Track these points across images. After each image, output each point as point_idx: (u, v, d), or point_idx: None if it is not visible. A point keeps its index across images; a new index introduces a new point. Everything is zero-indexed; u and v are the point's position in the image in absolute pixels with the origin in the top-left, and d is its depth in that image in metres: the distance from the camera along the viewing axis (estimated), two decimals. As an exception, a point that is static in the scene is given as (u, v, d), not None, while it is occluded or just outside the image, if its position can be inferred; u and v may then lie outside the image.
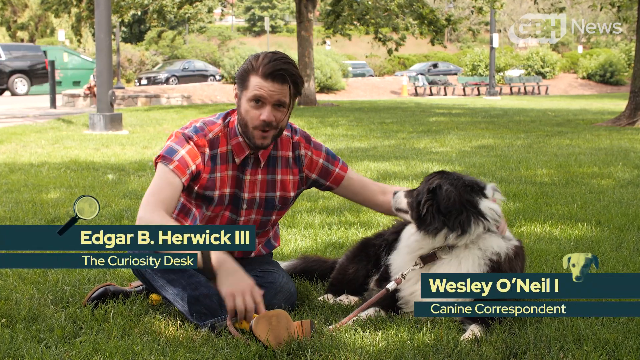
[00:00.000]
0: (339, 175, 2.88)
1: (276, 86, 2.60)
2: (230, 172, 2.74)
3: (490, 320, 2.49)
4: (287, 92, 2.63)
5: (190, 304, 2.51)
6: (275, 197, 2.81)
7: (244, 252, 2.90)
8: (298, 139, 2.85)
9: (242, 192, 2.75)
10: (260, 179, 2.78)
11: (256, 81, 2.61)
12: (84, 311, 2.66)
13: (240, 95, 2.68)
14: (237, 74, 2.70)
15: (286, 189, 2.83)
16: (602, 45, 50.19)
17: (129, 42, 45.61)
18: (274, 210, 2.84)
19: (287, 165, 2.83)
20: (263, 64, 2.61)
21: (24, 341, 2.37)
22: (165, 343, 2.37)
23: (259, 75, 2.61)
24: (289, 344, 2.31)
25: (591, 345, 2.32)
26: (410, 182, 6.05)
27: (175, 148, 2.66)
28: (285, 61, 2.63)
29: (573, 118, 15.44)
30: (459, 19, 22.25)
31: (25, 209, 4.86)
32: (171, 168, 2.62)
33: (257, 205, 2.78)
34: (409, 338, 2.38)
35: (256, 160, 2.77)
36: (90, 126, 12.01)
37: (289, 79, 2.61)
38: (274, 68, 2.59)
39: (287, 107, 2.67)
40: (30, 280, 3.12)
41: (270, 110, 2.62)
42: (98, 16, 11.91)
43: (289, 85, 2.62)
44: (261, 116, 2.61)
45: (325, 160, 2.89)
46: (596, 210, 4.75)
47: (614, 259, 3.46)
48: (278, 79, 2.60)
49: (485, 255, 2.52)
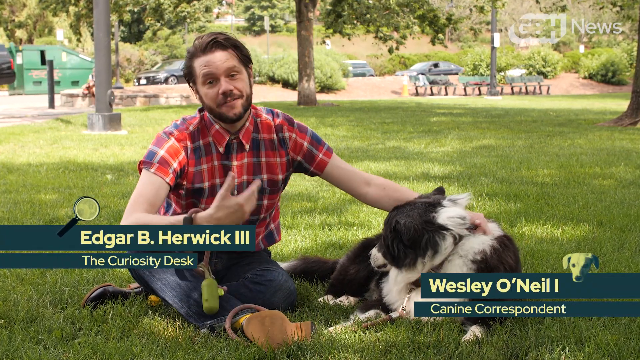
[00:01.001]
0: (322, 161, 2.86)
1: (218, 55, 2.59)
2: (216, 162, 2.72)
3: (491, 321, 2.48)
4: (232, 57, 2.60)
5: (190, 305, 2.50)
6: (263, 180, 2.79)
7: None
8: (280, 121, 2.83)
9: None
10: (247, 162, 2.76)
11: (199, 62, 2.61)
12: (82, 312, 2.65)
13: (196, 88, 2.67)
14: (184, 71, 2.70)
15: (274, 172, 2.81)
16: (604, 44, 50.04)
17: (128, 42, 45.56)
18: (264, 194, 2.81)
19: (272, 147, 2.80)
20: (196, 44, 2.63)
21: (22, 342, 2.36)
22: (165, 344, 2.36)
23: (198, 56, 2.61)
24: (287, 345, 2.29)
25: (593, 347, 2.30)
26: (411, 182, 6.03)
27: (154, 150, 2.64)
28: (214, 33, 2.64)
29: (575, 118, 15.41)
30: (460, 18, 22.21)
31: (24, 209, 4.85)
32: (153, 171, 2.60)
33: (245, 188, 2.73)
34: (409, 339, 2.37)
35: (240, 144, 2.75)
36: (89, 126, 11.99)
37: (226, 43, 2.60)
38: (206, 40, 2.60)
39: (242, 72, 2.63)
40: (29, 281, 3.10)
41: (225, 81, 2.60)
42: (97, 15, 11.89)
43: (231, 49, 2.61)
44: (219, 90, 2.60)
45: (309, 143, 2.86)
46: (598, 210, 4.73)
47: (616, 259, 3.45)
48: (215, 46, 2.59)
49: (467, 260, 2.51)
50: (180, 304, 2.53)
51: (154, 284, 2.58)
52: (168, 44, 41.17)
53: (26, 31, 40.66)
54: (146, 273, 2.60)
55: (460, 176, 6.45)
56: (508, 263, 2.54)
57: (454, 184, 5.99)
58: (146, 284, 2.64)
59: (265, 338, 2.29)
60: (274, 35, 57.73)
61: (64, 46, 33.96)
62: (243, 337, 2.38)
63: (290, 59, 30.03)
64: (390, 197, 2.81)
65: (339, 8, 20.41)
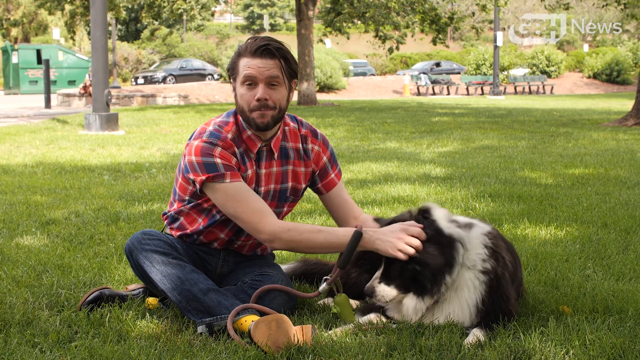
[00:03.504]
0: (332, 182, 2.86)
1: (265, 62, 2.58)
2: (252, 169, 2.71)
3: (494, 324, 2.45)
4: (277, 67, 2.60)
5: (189, 299, 2.48)
6: (287, 189, 2.80)
7: (252, 252, 2.87)
8: (305, 132, 2.84)
9: (260, 186, 2.73)
10: (275, 171, 2.76)
11: (244, 62, 2.60)
12: (79, 315, 2.61)
13: (235, 85, 2.67)
14: (229, 65, 2.70)
15: (298, 180, 2.82)
16: (609, 43, 49.89)
17: (126, 41, 45.47)
18: (287, 202, 2.82)
19: (298, 157, 2.81)
20: (248, 44, 2.62)
21: (18, 346, 2.33)
22: (163, 348, 2.33)
23: (246, 57, 2.60)
24: (288, 349, 2.27)
25: (597, 350, 2.28)
26: (412, 183, 6.00)
27: (210, 161, 2.59)
28: (270, 38, 2.64)
29: (578, 118, 15.38)
30: (462, 17, 22.15)
31: (20, 210, 4.81)
32: (229, 181, 2.58)
33: (271, 197, 2.76)
34: (411, 342, 2.34)
35: (269, 152, 2.74)
36: (86, 126, 11.95)
37: (276, 53, 2.60)
38: (259, 44, 2.59)
39: (283, 84, 2.63)
40: (25, 283, 3.07)
41: (263, 88, 2.60)
42: (94, 14, 11.85)
43: (279, 60, 2.60)
44: (255, 96, 2.59)
45: (328, 159, 2.88)
46: (602, 212, 4.70)
47: (621, 262, 3.42)
48: (266, 54, 2.59)
49: (477, 272, 2.46)
50: (179, 298, 2.50)
51: (154, 275, 2.55)
52: (166, 43, 41.06)
53: (22, 30, 40.50)
54: (146, 263, 2.57)
55: (462, 177, 6.41)
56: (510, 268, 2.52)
57: (455, 184, 5.96)
58: (145, 274, 2.60)
59: (272, 344, 2.28)
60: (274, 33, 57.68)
61: (61, 45, 33.87)
62: (245, 339, 2.36)
63: (290, 58, 29.94)
64: None
65: (338, 6, 20.37)
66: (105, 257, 3.56)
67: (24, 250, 3.70)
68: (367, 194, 5.49)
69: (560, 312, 2.65)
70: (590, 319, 2.57)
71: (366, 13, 20.06)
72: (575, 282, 3.03)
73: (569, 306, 2.71)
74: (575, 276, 3.14)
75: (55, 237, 4.00)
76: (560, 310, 2.67)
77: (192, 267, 2.56)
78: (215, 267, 2.82)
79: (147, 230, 2.70)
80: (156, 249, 2.58)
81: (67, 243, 3.86)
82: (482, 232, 2.53)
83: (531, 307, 2.72)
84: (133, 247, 2.61)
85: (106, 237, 4.02)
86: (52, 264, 3.37)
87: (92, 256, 3.57)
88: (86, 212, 4.76)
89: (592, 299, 2.78)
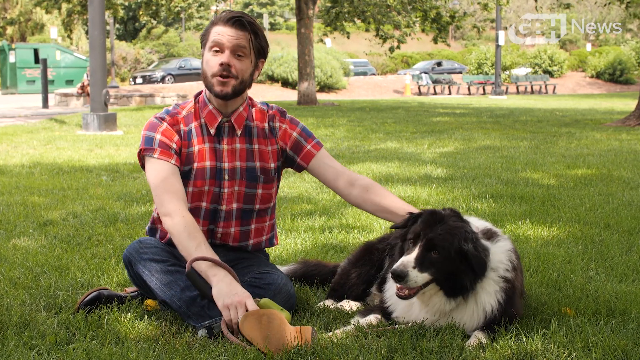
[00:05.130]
0: (309, 153, 2.84)
1: (235, 31, 2.64)
2: (207, 144, 2.74)
3: (495, 327, 2.43)
4: (246, 39, 2.65)
5: (189, 305, 2.47)
6: (255, 168, 2.79)
7: (240, 243, 2.84)
8: (273, 112, 2.86)
9: (222, 162, 2.75)
10: (239, 148, 2.77)
11: (216, 29, 2.66)
12: (77, 317, 2.60)
13: (203, 52, 2.72)
14: (201, 34, 2.75)
15: (265, 160, 2.81)
16: (612, 43, 49.72)
17: (124, 40, 45.36)
18: (258, 182, 2.80)
19: (263, 135, 2.82)
20: (222, 14, 2.69)
21: (15, 348, 2.31)
22: (161, 350, 2.32)
23: (219, 24, 2.66)
24: (288, 351, 2.24)
25: (600, 353, 2.26)
26: (413, 184, 5.98)
27: (150, 135, 2.70)
28: (244, 13, 2.70)
29: (581, 118, 15.36)
30: (464, 16, 22.09)
31: (17, 211, 4.78)
32: (156, 157, 2.65)
33: (239, 175, 2.76)
34: (412, 345, 2.33)
35: (231, 128, 2.77)
36: (84, 126, 11.92)
37: (248, 26, 2.65)
38: (233, 15, 2.66)
39: (248, 57, 2.67)
40: (22, 285, 3.05)
41: (228, 55, 2.64)
42: (92, 13, 11.82)
43: (249, 34, 2.65)
44: (219, 61, 2.64)
45: (299, 134, 2.86)
46: (605, 213, 4.68)
47: (624, 263, 3.40)
48: (237, 24, 2.64)
49: (498, 277, 2.45)
50: (179, 304, 2.50)
51: (153, 284, 2.56)
52: (165, 42, 40.99)
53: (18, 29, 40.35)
54: (145, 272, 2.57)
55: (464, 177, 6.39)
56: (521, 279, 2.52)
57: (457, 185, 5.93)
58: (144, 284, 2.60)
59: (263, 340, 2.25)
60: (273, 33, 57.65)
61: (58, 44, 33.80)
62: (240, 337, 2.34)
63: (290, 58, 29.95)
64: (372, 202, 2.78)
65: (338, 5, 20.30)
66: (104, 258, 3.54)
67: (21, 251, 3.68)
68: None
69: (563, 314, 2.64)
70: (593, 321, 2.56)
71: (366, 12, 19.99)
72: (578, 284, 3.02)
73: (571, 308, 2.70)
74: (578, 278, 3.13)
75: (53, 238, 3.98)
76: (563, 312, 2.66)
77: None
78: None
79: (143, 238, 2.73)
80: (154, 257, 2.59)
81: (65, 244, 3.84)
82: (507, 248, 2.51)
83: (533, 309, 2.70)
84: (131, 257, 2.63)
85: (104, 238, 4.00)
86: (49, 266, 3.35)
87: (90, 257, 3.54)
88: (84, 213, 4.73)
89: (594, 301, 2.76)
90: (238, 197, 2.76)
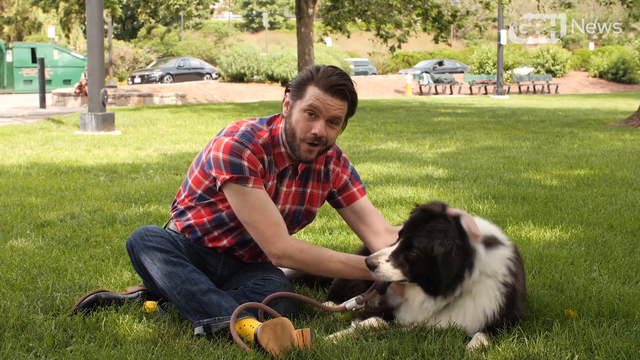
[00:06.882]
0: (352, 195, 2.82)
1: (335, 101, 2.57)
2: (273, 182, 2.69)
3: (497, 329, 2.42)
4: (344, 110, 2.60)
5: (188, 299, 2.45)
6: (301, 211, 2.79)
7: (252, 260, 2.84)
8: (331, 153, 2.82)
9: (277, 203, 2.71)
10: (294, 191, 2.75)
11: (315, 92, 2.56)
12: (74, 319, 2.58)
13: (293, 104, 2.62)
14: (294, 81, 2.64)
15: (313, 203, 2.80)
16: (615, 42, 49.58)
17: (122, 39, 45.27)
18: (299, 225, 2.82)
19: (318, 179, 2.79)
20: (325, 76, 2.57)
21: (13, 350, 2.30)
22: (160, 352, 2.30)
23: (319, 87, 2.56)
24: (288, 353, 2.23)
25: (603, 355, 2.25)
26: (414, 185, 5.95)
27: (236, 162, 2.57)
28: (347, 77, 2.60)
29: (584, 118, 15.34)
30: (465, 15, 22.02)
31: (14, 212, 4.75)
32: (251, 186, 2.56)
33: (284, 217, 2.73)
34: (413, 347, 2.32)
35: (294, 171, 2.73)
36: (82, 126, 11.89)
37: (349, 96, 2.59)
38: (336, 82, 2.56)
39: (339, 125, 2.63)
40: (19, 286, 3.03)
41: (323, 125, 2.58)
42: (89, 12, 11.78)
43: (348, 103, 2.60)
44: (313, 129, 2.57)
45: (349, 177, 2.84)
46: (608, 214, 4.66)
47: (627, 264, 3.39)
48: (339, 94, 2.57)
49: (498, 282, 2.42)
50: (178, 297, 2.48)
51: (154, 273, 2.53)
52: (163, 41, 40.92)
53: (15, 28, 40.23)
54: (147, 260, 2.54)
55: (465, 178, 6.36)
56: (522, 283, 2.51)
57: (458, 186, 5.91)
58: (145, 271, 2.57)
59: (278, 346, 2.26)
60: (273, 32, 57.57)
61: (56, 43, 33.74)
62: (245, 340, 2.33)
63: (290, 57, 29.92)
64: None
65: (339, 4, 20.24)
66: (101, 259, 3.52)
67: (18, 252, 3.66)
68: (368, 195, 5.39)
69: (566, 316, 2.63)
70: (596, 323, 2.54)
71: (367, 11, 19.94)
72: (581, 285, 3.00)
73: (574, 310, 2.69)
74: (581, 279, 3.11)
75: (51, 240, 3.95)
76: (566, 314, 2.65)
77: (193, 267, 2.54)
78: (216, 268, 2.79)
79: (149, 226, 2.67)
80: (158, 247, 2.56)
81: (63, 245, 3.82)
82: (506, 256, 2.47)
83: (536, 311, 2.69)
84: (135, 242, 2.59)
85: (102, 239, 3.97)
86: (47, 267, 3.33)
87: (87, 259, 3.52)
88: (82, 214, 4.71)
89: (597, 303, 2.75)
90: None
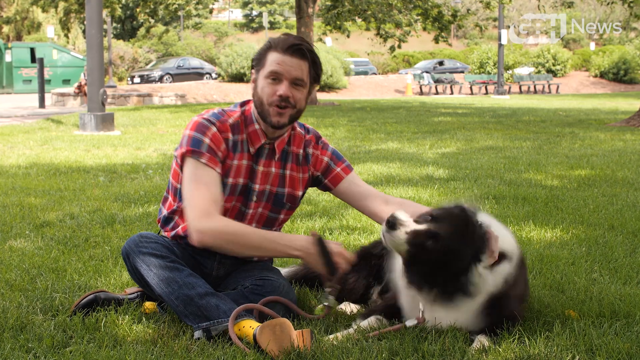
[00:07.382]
0: (338, 175, 2.83)
1: (294, 61, 2.59)
2: (245, 161, 2.70)
3: (498, 330, 2.41)
4: (305, 69, 2.61)
5: (186, 304, 2.44)
6: (284, 194, 2.77)
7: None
8: (310, 137, 2.84)
9: (254, 183, 2.71)
10: (274, 172, 2.75)
11: (274, 57, 2.60)
12: (74, 320, 2.57)
13: (257, 76, 2.65)
14: (255, 55, 2.69)
15: (294, 187, 2.80)
16: (616, 42, 49.51)
17: (121, 39, 45.24)
18: (282, 208, 2.80)
19: (297, 162, 2.80)
20: (282, 40, 2.62)
21: (12, 351, 2.29)
22: (159, 353, 2.29)
23: (277, 51, 2.60)
24: (288, 354, 2.23)
25: (604, 356, 2.25)
26: (414, 185, 5.95)
27: (199, 138, 2.60)
28: (303, 39, 2.65)
29: (585, 118, 15.33)
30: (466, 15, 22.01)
31: (13, 212, 4.74)
32: (204, 162, 2.58)
33: (266, 198, 2.74)
34: (413, 348, 2.31)
35: (271, 151, 2.73)
36: (81, 126, 11.88)
37: (308, 55, 2.61)
38: (293, 42, 2.60)
39: (305, 86, 2.64)
40: (18, 287, 3.02)
41: (287, 86, 2.60)
42: (89, 11, 11.77)
43: (308, 62, 2.61)
44: (278, 91, 2.59)
45: (329, 158, 2.85)
46: (609, 214, 4.65)
47: (628, 265, 3.38)
48: (297, 53, 2.59)
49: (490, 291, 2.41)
50: (176, 302, 2.46)
51: (150, 279, 2.52)
52: (163, 41, 40.88)
53: (14, 27, 40.19)
54: (143, 266, 2.53)
55: (466, 178, 6.35)
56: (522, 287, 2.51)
57: (459, 186, 5.90)
58: (142, 278, 2.56)
59: (278, 347, 2.25)
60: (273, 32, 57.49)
61: (55, 43, 33.72)
62: (244, 342, 2.32)
63: (290, 57, 29.83)
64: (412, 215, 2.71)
65: (339, 4, 20.23)
66: (101, 260, 3.51)
67: (17, 253, 3.65)
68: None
69: (566, 317, 2.62)
70: (597, 324, 2.54)
71: (367, 10, 19.93)
72: (582, 286, 2.99)
73: (575, 310, 2.68)
74: (582, 280, 3.10)
75: (50, 240, 3.94)
76: (566, 314, 2.64)
77: (189, 271, 2.52)
78: (211, 269, 2.78)
79: (144, 233, 2.67)
80: (153, 252, 2.55)
81: (62, 246, 3.81)
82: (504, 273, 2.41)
83: (536, 312, 2.68)
84: (130, 250, 2.58)
85: (102, 239, 3.97)
86: (46, 267, 3.32)
87: (87, 259, 3.51)
88: (81, 214, 4.70)
89: (598, 303, 2.74)
90: (260, 218, 2.75)
